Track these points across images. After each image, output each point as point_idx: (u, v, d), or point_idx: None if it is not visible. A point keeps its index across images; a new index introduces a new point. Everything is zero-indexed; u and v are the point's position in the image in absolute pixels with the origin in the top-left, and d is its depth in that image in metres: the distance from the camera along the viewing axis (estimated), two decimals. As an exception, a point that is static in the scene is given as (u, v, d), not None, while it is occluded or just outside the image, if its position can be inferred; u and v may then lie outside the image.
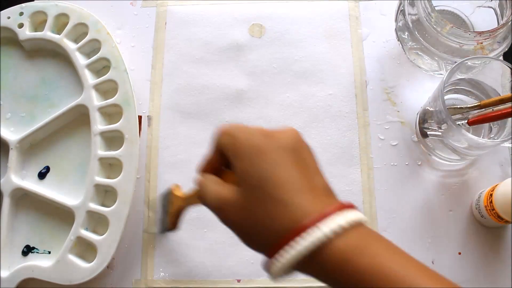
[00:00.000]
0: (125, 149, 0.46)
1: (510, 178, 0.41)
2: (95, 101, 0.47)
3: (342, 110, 0.49)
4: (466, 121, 0.42)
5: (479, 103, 0.42)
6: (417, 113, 0.48)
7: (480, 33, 0.42)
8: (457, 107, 0.43)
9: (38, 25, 0.52)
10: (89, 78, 0.48)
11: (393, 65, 0.51)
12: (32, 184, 0.47)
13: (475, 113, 0.43)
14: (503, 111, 0.40)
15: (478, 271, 0.44)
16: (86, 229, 0.44)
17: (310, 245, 0.25)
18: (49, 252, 0.45)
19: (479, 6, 0.48)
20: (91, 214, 0.44)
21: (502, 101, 0.41)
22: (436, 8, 0.43)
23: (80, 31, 0.51)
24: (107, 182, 0.45)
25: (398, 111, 0.49)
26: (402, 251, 0.26)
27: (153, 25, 0.53)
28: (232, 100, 0.50)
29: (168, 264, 0.45)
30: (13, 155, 0.47)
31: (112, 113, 0.49)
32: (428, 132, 0.45)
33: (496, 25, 0.45)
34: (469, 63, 0.43)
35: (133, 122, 0.46)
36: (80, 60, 0.49)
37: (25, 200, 0.47)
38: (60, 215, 0.46)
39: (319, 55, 0.51)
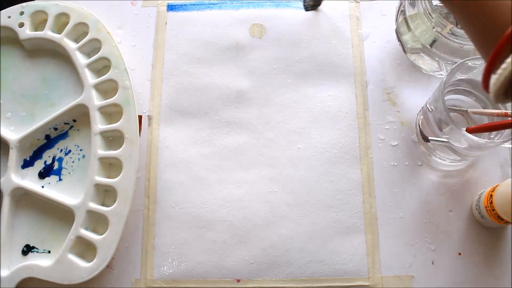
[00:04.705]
0: (125, 148, 0.46)
1: (510, 179, 0.41)
2: (95, 100, 0.47)
3: (342, 111, 0.49)
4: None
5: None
6: (417, 114, 0.48)
7: (481, 33, 0.42)
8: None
9: (39, 25, 0.52)
10: (89, 78, 0.48)
11: (394, 66, 0.51)
12: (32, 184, 0.47)
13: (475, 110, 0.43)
14: (502, 123, 0.40)
15: (478, 272, 0.44)
16: (86, 228, 0.44)
17: None
18: (49, 252, 0.45)
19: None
20: (91, 213, 0.44)
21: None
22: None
23: (80, 31, 0.51)
24: (107, 181, 0.45)
25: (398, 112, 0.49)
26: None
27: (154, 24, 0.53)
28: (232, 100, 0.50)
29: (167, 264, 0.45)
30: (13, 154, 0.47)
31: (112, 113, 0.49)
32: (429, 138, 0.45)
33: (496, 26, 0.44)
34: (469, 64, 0.43)
35: (133, 121, 0.46)
36: (81, 60, 0.49)
37: (25, 200, 0.47)
38: (60, 214, 0.46)
39: (319, 55, 0.51)
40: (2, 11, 0.51)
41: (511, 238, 0.45)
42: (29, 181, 0.47)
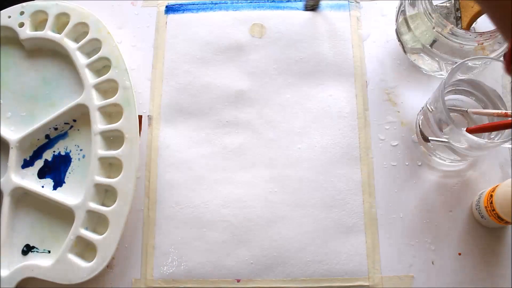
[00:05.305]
0: (125, 148, 0.46)
1: (510, 179, 0.41)
2: (96, 100, 0.47)
3: (342, 111, 0.49)
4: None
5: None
6: (418, 114, 0.48)
7: (481, 33, 0.42)
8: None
9: (39, 24, 0.52)
10: (90, 78, 0.48)
11: (394, 66, 0.51)
12: (32, 183, 0.47)
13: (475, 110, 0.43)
14: (502, 123, 0.40)
15: (478, 272, 0.44)
16: (86, 228, 0.44)
17: None
18: (49, 252, 0.45)
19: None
20: (91, 213, 0.44)
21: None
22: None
23: (80, 31, 0.51)
24: (107, 181, 0.45)
25: (399, 112, 0.49)
26: None
27: (154, 24, 0.53)
28: (232, 100, 0.50)
29: (167, 264, 0.45)
30: (13, 154, 0.47)
31: (112, 113, 0.49)
32: (430, 138, 0.45)
33: (496, 26, 0.44)
34: (469, 64, 0.43)
35: (133, 121, 0.46)
36: (81, 60, 0.49)
37: (25, 200, 0.47)
38: (60, 214, 0.46)
39: (319, 55, 0.51)
40: (2, 11, 0.51)
41: (511, 238, 0.45)
42: (29, 181, 0.47)
